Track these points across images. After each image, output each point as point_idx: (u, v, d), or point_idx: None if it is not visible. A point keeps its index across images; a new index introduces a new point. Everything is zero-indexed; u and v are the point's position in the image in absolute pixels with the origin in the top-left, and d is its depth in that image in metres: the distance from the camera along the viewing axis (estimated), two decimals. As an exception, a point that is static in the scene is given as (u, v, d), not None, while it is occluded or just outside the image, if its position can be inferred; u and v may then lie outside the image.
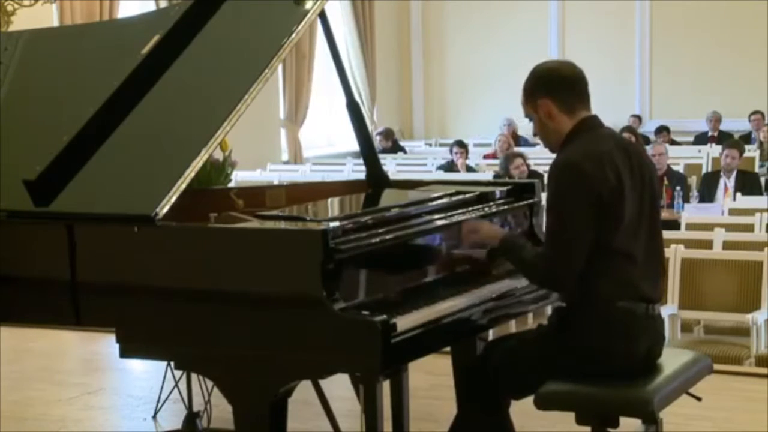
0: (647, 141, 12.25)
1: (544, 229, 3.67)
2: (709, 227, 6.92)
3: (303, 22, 3.66)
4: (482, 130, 15.54)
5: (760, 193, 9.41)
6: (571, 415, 3.31)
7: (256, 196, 4.26)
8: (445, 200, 3.81)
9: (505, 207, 3.96)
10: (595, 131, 3.41)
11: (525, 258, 3.41)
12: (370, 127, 13.50)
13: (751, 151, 11.87)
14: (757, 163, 11.60)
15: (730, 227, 7.05)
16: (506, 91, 16.03)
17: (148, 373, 5.72)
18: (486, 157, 13.13)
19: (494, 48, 16.28)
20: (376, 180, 4.25)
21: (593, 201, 3.24)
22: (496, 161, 11.20)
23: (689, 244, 6.35)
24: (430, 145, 15.98)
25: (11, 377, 5.69)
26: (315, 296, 3.04)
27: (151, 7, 11.28)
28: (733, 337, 6.16)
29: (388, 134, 14.88)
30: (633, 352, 3.33)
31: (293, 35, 3.63)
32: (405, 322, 3.12)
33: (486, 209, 3.87)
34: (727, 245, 6.58)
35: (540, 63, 3.52)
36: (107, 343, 4.64)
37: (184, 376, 4.67)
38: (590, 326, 3.32)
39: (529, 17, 16.08)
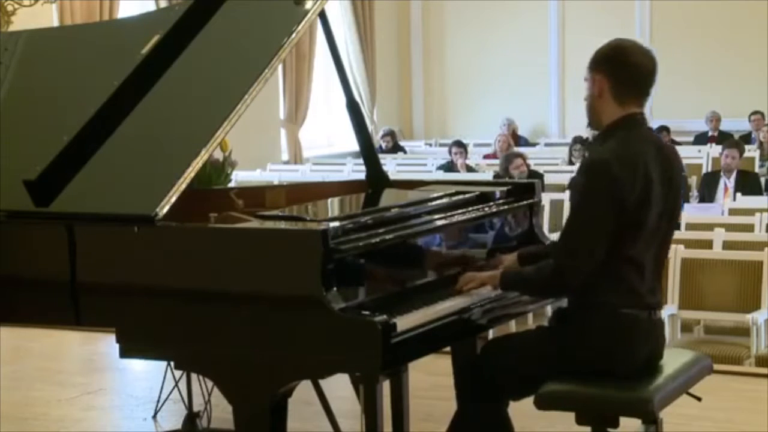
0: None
1: (545, 228, 3.67)
2: (709, 227, 6.92)
3: (303, 22, 3.66)
4: (482, 130, 15.53)
5: (760, 193, 9.41)
6: (571, 415, 3.31)
7: (256, 196, 4.26)
8: (445, 200, 3.81)
9: (505, 207, 3.96)
10: (636, 131, 3.34)
11: (528, 274, 3.41)
12: (370, 127, 13.50)
13: (751, 151, 11.87)
14: (757, 163, 11.60)
15: (730, 227, 7.05)
16: (506, 91, 16.15)
17: (148, 373, 5.72)
18: (486, 157, 13.13)
19: (494, 48, 16.28)
20: (376, 180, 4.24)
21: (617, 206, 3.20)
22: (496, 161, 11.20)
23: (689, 244, 6.35)
24: (430, 145, 15.97)
25: (11, 377, 5.69)
26: (315, 296, 3.04)
27: (151, 7, 11.28)
28: (733, 337, 6.16)
29: (392, 135, 14.94)
30: (635, 357, 3.32)
31: (293, 35, 3.62)
32: (405, 322, 3.12)
33: (486, 209, 3.87)
34: (727, 245, 6.57)
35: (621, 39, 3.40)
36: (107, 343, 4.64)
37: (184, 376, 4.67)
38: (592, 330, 3.31)
39: (529, 17, 16.08)
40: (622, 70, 3.32)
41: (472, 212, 3.80)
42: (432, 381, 4.92)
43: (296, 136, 14.46)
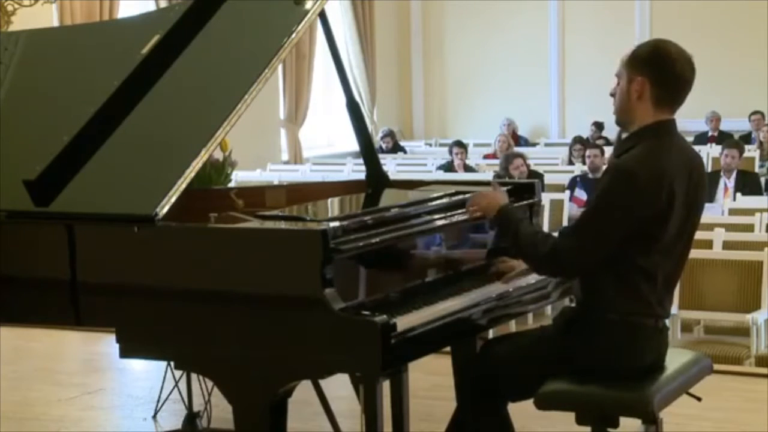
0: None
1: (545, 228, 3.65)
2: (709, 227, 6.90)
3: (303, 22, 3.66)
4: (482, 130, 15.54)
5: (760, 193, 9.41)
6: (571, 415, 3.31)
7: (256, 196, 4.26)
8: (444, 200, 3.81)
9: (505, 207, 3.95)
10: (669, 140, 3.28)
11: (525, 233, 3.34)
12: (370, 127, 13.50)
13: (751, 151, 11.87)
14: (757, 163, 11.60)
15: (730, 227, 7.04)
16: (506, 91, 16.15)
17: (148, 373, 5.72)
18: (486, 157, 13.13)
19: (494, 48, 16.29)
20: (376, 180, 4.24)
21: (633, 218, 3.18)
22: (496, 161, 11.21)
23: (689, 244, 6.33)
24: (430, 145, 15.99)
25: (11, 377, 5.69)
26: (315, 296, 3.04)
27: (151, 7, 11.28)
28: (733, 337, 6.16)
29: (391, 136, 14.95)
30: (637, 363, 3.31)
31: (293, 35, 3.63)
32: (405, 322, 3.12)
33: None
34: (727, 245, 6.57)
35: (664, 42, 3.32)
36: (107, 343, 4.64)
37: (184, 376, 4.67)
38: (597, 334, 3.29)
39: (529, 17, 16.09)
40: (667, 77, 3.25)
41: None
42: (432, 381, 4.93)
43: (296, 136, 14.46)
